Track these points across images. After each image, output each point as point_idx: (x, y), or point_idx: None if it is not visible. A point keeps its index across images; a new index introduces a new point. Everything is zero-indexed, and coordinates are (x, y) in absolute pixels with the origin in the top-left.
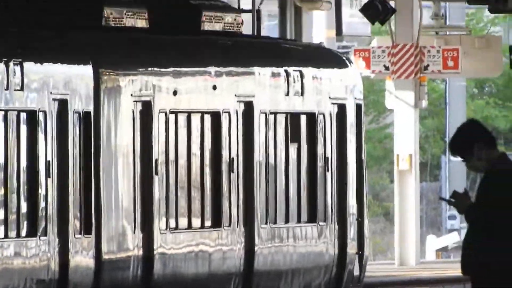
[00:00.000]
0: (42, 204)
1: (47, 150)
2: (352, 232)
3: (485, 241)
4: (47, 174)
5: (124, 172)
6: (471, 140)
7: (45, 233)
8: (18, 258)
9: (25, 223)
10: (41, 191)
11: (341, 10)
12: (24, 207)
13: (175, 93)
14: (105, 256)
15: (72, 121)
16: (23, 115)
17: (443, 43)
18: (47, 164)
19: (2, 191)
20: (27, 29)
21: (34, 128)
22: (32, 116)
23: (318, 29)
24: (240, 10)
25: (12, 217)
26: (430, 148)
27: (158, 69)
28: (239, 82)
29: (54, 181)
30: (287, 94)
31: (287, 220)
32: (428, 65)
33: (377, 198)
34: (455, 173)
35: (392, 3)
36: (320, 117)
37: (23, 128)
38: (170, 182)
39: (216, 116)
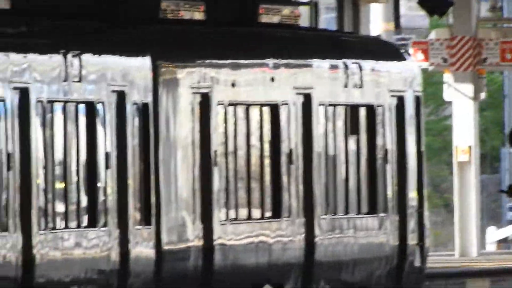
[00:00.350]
0: (101, 195)
1: (105, 141)
2: (412, 223)
3: None
4: (106, 166)
5: (183, 164)
6: None
7: (105, 224)
8: (79, 249)
9: (85, 214)
10: (101, 183)
11: (399, 3)
12: (84, 199)
13: (233, 85)
14: (165, 247)
15: (131, 112)
16: (81, 107)
17: (501, 36)
18: (106, 155)
19: (62, 183)
20: (85, 22)
21: (93, 119)
22: (90, 108)
23: (376, 21)
24: (297, 3)
25: (72, 208)
26: (490, 140)
27: (216, 61)
28: (298, 74)
29: (113, 173)
30: (346, 86)
31: (347, 211)
32: (486, 58)
33: (437, 190)
34: None
35: None
36: (379, 109)
37: (82, 120)
38: (229, 174)
39: (274, 108)
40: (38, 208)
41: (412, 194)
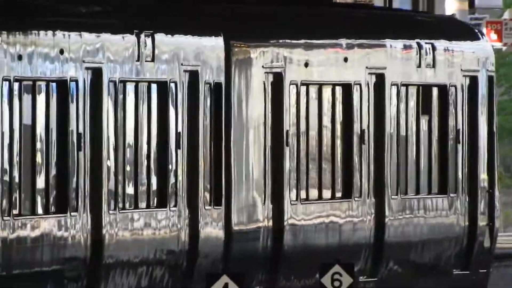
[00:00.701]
0: (172, 175)
1: (177, 121)
2: (482, 204)
3: None
4: (178, 146)
5: (255, 144)
6: None
7: (175, 204)
8: (148, 229)
9: (156, 194)
10: (172, 163)
11: None
12: (154, 179)
13: (306, 65)
14: (235, 227)
15: (203, 92)
16: (154, 86)
17: None
18: (178, 135)
19: (133, 162)
20: (158, 1)
21: (165, 99)
22: (163, 87)
23: (450, 1)
24: None
25: (143, 188)
26: None
27: (290, 41)
28: (371, 54)
29: (184, 153)
30: (419, 66)
31: (417, 192)
32: None
33: (508, 170)
34: None
35: None
36: (452, 89)
37: (154, 99)
38: (301, 154)
39: (347, 88)
40: (108, 189)
41: (483, 175)
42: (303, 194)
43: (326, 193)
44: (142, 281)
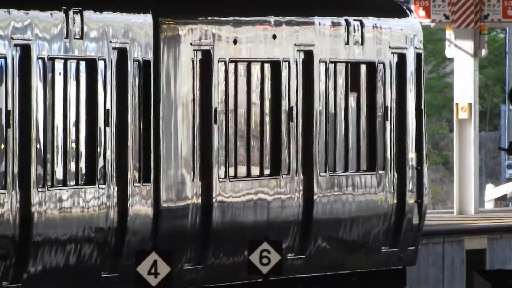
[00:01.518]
0: (101, 152)
1: (105, 98)
2: (411, 181)
3: None
4: (106, 123)
5: (183, 121)
6: None
7: (104, 181)
8: (77, 207)
9: (84, 171)
10: (101, 140)
11: None
12: (83, 156)
13: (235, 42)
14: (164, 205)
15: (132, 69)
16: (82, 64)
17: None
18: (106, 112)
19: (62, 140)
20: None
21: (94, 76)
22: (91, 65)
23: None
24: None
25: (71, 166)
26: (490, 97)
27: (218, 18)
28: (299, 32)
29: (113, 130)
30: (347, 43)
31: (346, 169)
32: (488, 14)
33: (436, 147)
34: None
35: None
36: (380, 67)
37: (83, 77)
38: (229, 131)
39: (276, 65)
40: (37, 168)
41: (411, 152)
42: (231, 172)
43: (255, 170)
44: (70, 259)
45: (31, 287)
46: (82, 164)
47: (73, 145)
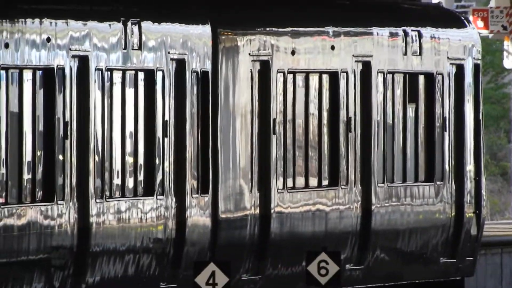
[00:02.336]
0: (159, 163)
1: (164, 109)
2: (469, 192)
3: None
4: (164, 134)
5: (242, 131)
6: None
7: (162, 192)
8: (135, 218)
9: (143, 182)
10: (159, 150)
11: None
12: (141, 166)
13: (293, 53)
14: (222, 215)
15: (190, 80)
16: (140, 75)
17: None
18: (165, 123)
19: (120, 151)
20: None
21: (152, 87)
22: (149, 75)
23: None
24: None
25: (129, 177)
26: None
27: (276, 29)
28: (357, 42)
29: (171, 141)
30: (405, 54)
31: (404, 179)
32: None
33: (494, 158)
34: None
35: None
36: (438, 77)
37: (141, 88)
38: (288, 142)
39: (334, 76)
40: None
41: (469, 163)
42: (289, 182)
43: (313, 181)
44: (129, 269)
45: None
46: (141, 175)
47: (132, 156)
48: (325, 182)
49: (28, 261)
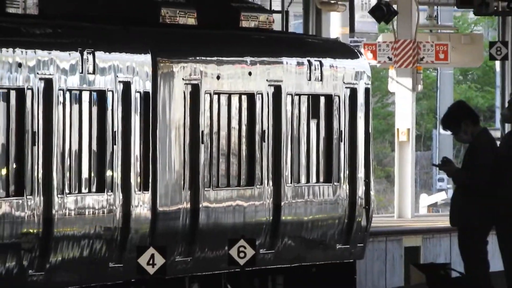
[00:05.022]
0: (109, 166)
1: (113, 122)
2: (360, 191)
3: (469, 199)
4: (113, 142)
5: (176, 141)
6: (459, 117)
7: (111, 189)
8: (89, 210)
9: (95, 181)
10: (108, 156)
11: (354, 12)
12: (94, 168)
13: (218, 77)
14: (160, 208)
15: (134, 99)
16: (94, 94)
17: (436, 39)
18: (114, 134)
19: (78, 155)
20: (97, 24)
21: (104, 104)
22: (102, 95)
23: (334, 27)
24: (271, 11)
25: (84, 176)
26: (424, 123)
27: (205, 58)
28: (270, 70)
29: (119, 148)
30: (309, 79)
31: (308, 181)
32: (423, 57)
33: (380, 164)
34: (444, 144)
35: (395, 6)
36: (336, 98)
37: (94, 105)
38: (213, 150)
39: (251, 97)
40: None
41: (361, 167)
42: (214, 182)
43: (234, 181)
44: (84, 252)
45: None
46: (94, 175)
47: (87, 160)
48: (243, 182)
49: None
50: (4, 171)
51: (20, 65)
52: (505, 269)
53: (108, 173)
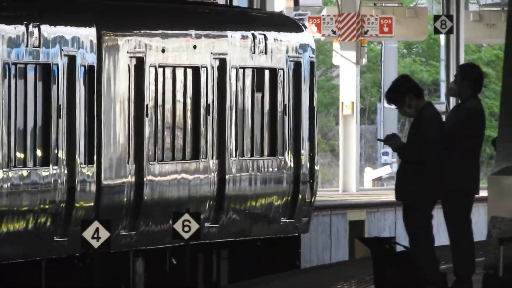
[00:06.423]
0: (53, 138)
1: (58, 96)
2: (304, 164)
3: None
4: (59, 115)
5: (121, 114)
6: (403, 91)
7: (56, 163)
8: (35, 183)
9: (40, 154)
10: (54, 129)
11: None
12: (39, 142)
13: (163, 51)
14: (104, 182)
15: (79, 73)
16: (39, 68)
17: (380, 13)
18: (59, 107)
19: (23, 128)
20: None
21: (48, 78)
22: (47, 68)
23: (279, 0)
24: None
25: (29, 150)
26: (368, 97)
27: (150, 31)
28: (215, 43)
29: (64, 121)
30: (254, 52)
31: (252, 154)
32: (367, 30)
33: (325, 137)
34: (389, 118)
35: None
36: (280, 72)
37: (39, 79)
38: (158, 123)
39: (196, 70)
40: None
41: (305, 141)
42: (159, 156)
43: (178, 155)
44: (29, 226)
45: None
46: (39, 149)
47: (32, 133)
48: (188, 156)
49: None
50: None
51: None
52: (451, 243)
53: (53, 147)
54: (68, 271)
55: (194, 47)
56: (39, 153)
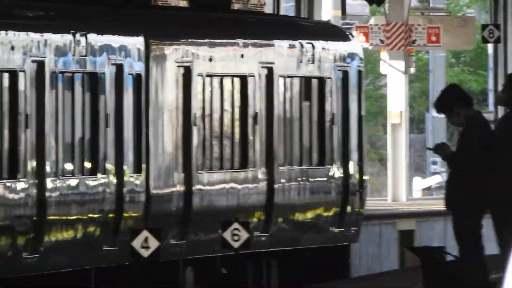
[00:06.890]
0: (101, 148)
1: (106, 105)
2: (353, 174)
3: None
4: (106, 124)
5: (168, 123)
6: (453, 100)
7: (104, 172)
8: (85, 193)
9: (89, 164)
10: (101, 139)
11: None
12: (86, 151)
13: (210, 60)
14: (153, 191)
15: (126, 81)
16: (86, 77)
17: (428, 22)
18: (106, 116)
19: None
20: (90, 7)
21: (96, 87)
22: (94, 78)
23: (326, 9)
24: None
25: (77, 159)
26: (417, 106)
27: (197, 40)
28: (262, 52)
29: (112, 130)
30: (301, 62)
31: (300, 164)
32: (415, 40)
33: (374, 147)
34: (437, 127)
35: None
36: (328, 81)
37: (86, 88)
38: (206, 132)
39: (243, 79)
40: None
41: (354, 150)
42: (207, 165)
43: (226, 164)
44: (78, 235)
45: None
46: (84, 159)
47: (79, 142)
48: (236, 165)
49: None
50: None
51: (12, 48)
52: (501, 253)
53: (101, 156)
54: (117, 281)
55: (242, 56)
56: (87, 162)
